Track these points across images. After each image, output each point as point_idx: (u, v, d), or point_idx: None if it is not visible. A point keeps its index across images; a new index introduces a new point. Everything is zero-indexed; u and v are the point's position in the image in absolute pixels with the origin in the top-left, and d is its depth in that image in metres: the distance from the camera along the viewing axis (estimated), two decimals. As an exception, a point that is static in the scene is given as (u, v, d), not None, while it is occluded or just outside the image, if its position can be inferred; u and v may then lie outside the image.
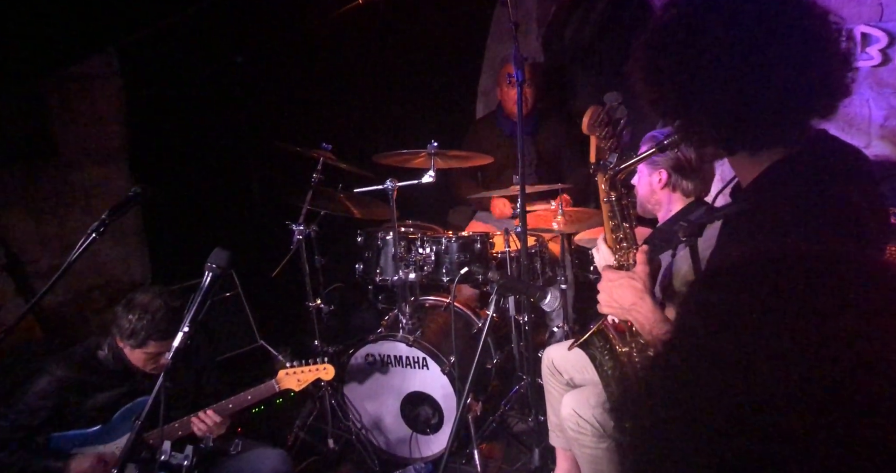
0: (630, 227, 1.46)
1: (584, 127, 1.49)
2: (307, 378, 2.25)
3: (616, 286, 1.30)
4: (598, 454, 1.87)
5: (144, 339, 2.01)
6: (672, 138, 1.29)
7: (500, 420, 2.77)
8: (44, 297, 1.78)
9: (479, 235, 2.81)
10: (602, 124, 1.45)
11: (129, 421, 2.03)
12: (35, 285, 2.71)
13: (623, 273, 1.33)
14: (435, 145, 2.72)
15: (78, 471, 1.91)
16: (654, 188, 1.90)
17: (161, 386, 1.51)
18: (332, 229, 2.99)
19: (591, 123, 1.47)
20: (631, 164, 1.43)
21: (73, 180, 2.95)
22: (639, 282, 1.28)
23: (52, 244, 2.90)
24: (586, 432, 1.86)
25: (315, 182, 2.76)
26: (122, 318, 2.03)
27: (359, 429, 2.70)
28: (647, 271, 1.30)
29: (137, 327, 2.00)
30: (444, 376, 2.57)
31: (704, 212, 1.82)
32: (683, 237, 1.33)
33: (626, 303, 1.29)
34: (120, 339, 2.05)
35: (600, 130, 1.46)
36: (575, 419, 1.88)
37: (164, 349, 2.04)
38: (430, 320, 2.88)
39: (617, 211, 1.46)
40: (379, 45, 3.70)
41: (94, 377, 2.05)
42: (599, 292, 1.34)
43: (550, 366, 2.24)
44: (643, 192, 1.93)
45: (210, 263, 1.61)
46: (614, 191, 1.45)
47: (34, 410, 1.97)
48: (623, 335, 1.46)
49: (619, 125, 1.46)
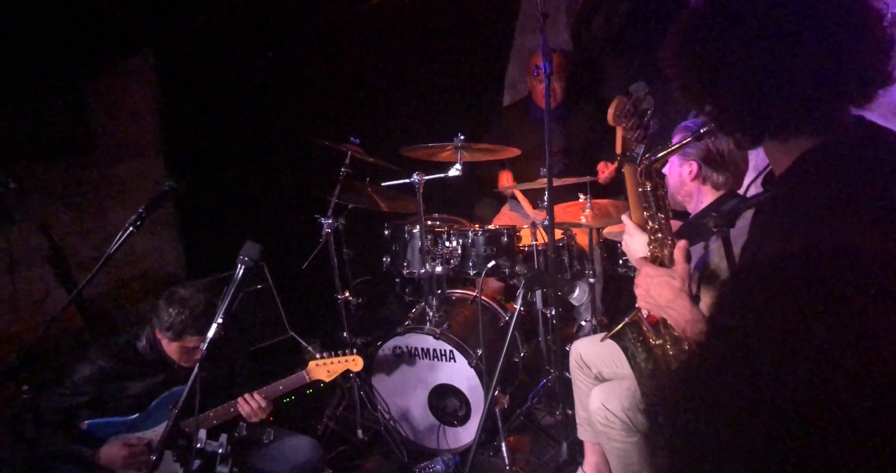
0: (665, 218, 1.44)
1: (610, 118, 1.47)
2: (336, 369, 2.29)
3: (654, 284, 1.30)
4: (626, 448, 1.86)
5: (181, 332, 2.07)
6: (708, 127, 1.27)
7: (528, 414, 2.77)
8: (85, 287, 1.85)
9: (506, 228, 2.80)
10: (628, 115, 1.43)
11: (164, 410, 2.09)
12: (76, 276, 2.80)
13: (662, 271, 1.32)
14: (461, 139, 2.71)
15: (106, 457, 1.98)
16: (683, 180, 1.87)
17: (196, 376, 1.56)
18: (359, 222, 3.02)
19: (616, 114, 1.46)
20: (667, 153, 1.40)
21: (111, 174, 3.03)
22: (677, 281, 1.28)
23: (92, 236, 2.99)
24: (615, 426, 1.85)
25: (343, 176, 2.79)
26: (162, 311, 2.09)
27: (387, 420, 2.73)
28: (686, 270, 1.29)
29: (176, 321, 2.05)
30: (470, 368, 2.57)
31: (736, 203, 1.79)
32: (714, 228, 1.31)
33: (662, 301, 1.28)
34: (159, 331, 2.11)
35: (626, 121, 1.44)
36: (603, 413, 1.87)
37: (200, 345, 2.10)
38: (457, 313, 2.89)
39: (652, 201, 1.44)
40: (406, 38, 3.71)
41: (133, 367, 2.11)
42: (637, 287, 1.34)
43: (578, 360, 2.23)
44: (673, 183, 1.90)
45: (242, 256, 1.65)
46: (649, 181, 1.43)
47: (74, 395, 2.04)
48: (657, 327, 1.45)
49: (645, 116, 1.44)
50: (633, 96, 1.43)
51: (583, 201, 2.82)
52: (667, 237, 1.43)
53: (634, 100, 1.42)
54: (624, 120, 1.44)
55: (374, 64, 3.70)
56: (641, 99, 1.42)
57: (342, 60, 3.59)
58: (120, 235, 1.79)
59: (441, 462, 2.60)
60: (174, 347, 2.12)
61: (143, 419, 2.09)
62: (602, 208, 2.85)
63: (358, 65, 3.65)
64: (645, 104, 1.42)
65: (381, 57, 3.71)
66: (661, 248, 1.43)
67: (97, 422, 2.06)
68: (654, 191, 1.43)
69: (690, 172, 1.84)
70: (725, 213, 1.31)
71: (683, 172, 1.86)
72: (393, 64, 3.77)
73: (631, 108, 1.42)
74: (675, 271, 1.30)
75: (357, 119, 3.51)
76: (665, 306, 1.28)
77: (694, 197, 1.89)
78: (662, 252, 1.42)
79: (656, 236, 1.44)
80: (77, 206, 2.93)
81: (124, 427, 2.08)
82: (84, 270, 2.87)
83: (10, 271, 2.68)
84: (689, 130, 1.58)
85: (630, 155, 1.43)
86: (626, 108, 1.43)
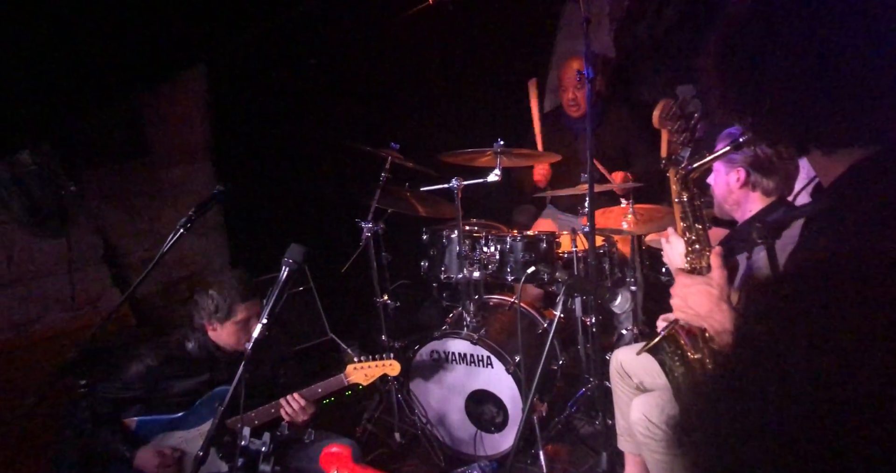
0: (703, 228, 1.40)
1: (655, 121, 1.45)
2: (374, 374, 2.32)
3: (692, 293, 1.26)
4: (669, 460, 1.81)
5: (230, 307, 2.12)
6: (749, 136, 1.23)
7: (566, 422, 2.74)
8: (138, 287, 1.93)
9: (545, 234, 2.79)
10: (674, 118, 1.41)
11: (207, 409, 2.16)
12: (129, 276, 2.92)
13: (699, 279, 1.28)
14: (501, 144, 2.71)
15: (141, 460, 2.05)
16: (731, 188, 1.82)
17: (242, 374, 1.60)
18: (398, 226, 3.05)
19: (662, 117, 1.44)
20: (705, 162, 1.38)
21: (163, 178, 3.16)
22: (715, 289, 1.24)
23: (144, 238, 3.12)
24: (657, 437, 1.81)
25: (383, 181, 2.83)
26: (202, 301, 2.16)
27: (424, 424, 2.75)
28: (723, 276, 1.26)
29: (220, 300, 2.13)
30: (508, 375, 2.56)
31: (783, 212, 1.73)
32: (759, 239, 1.27)
33: (701, 310, 1.25)
34: (207, 322, 2.17)
35: (672, 124, 1.42)
36: (645, 423, 1.83)
37: (252, 313, 2.15)
38: (495, 319, 2.88)
39: (689, 212, 1.41)
40: (447, 44, 3.74)
41: (180, 366, 2.19)
42: (673, 297, 1.30)
43: (619, 369, 2.19)
44: (720, 192, 1.85)
45: (287, 258, 1.69)
46: (686, 191, 1.40)
47: (125, 390, 2.13)
48: (695, 340, 1.41)
49: (692, 119, 1.41)
50: (679, 99, 1.41)
51: (625, 206, 2.78)
52: (705, 248, 1.40)
53: (681, 102, 1.40)
54: (669, 122, 1.42)
55: (415, 69, 3.74)
56: (688, 101, 1.40)
57: (384, 65, 3.64)
58: (171, 236, 1.86)
59: (478, 468, 2.59)
60: (228, 330, 2.15)
61: (187, 417, 2.16)
62: (645, 213, 2.80)
63: (399, 71, 3.70)
64: (692, 107, 1.40)
65: (422, 62, 3.75)
66: (700, 259, 1.40)
67: (145, 420, 2.14)
68: (690, 201, 1.41)
69: (738, 180, 1.79)
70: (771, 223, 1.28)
71: (731, 180, 1.81)
72: (434, 69, 3.80)
73: (677, 110, 1.40)
74: (712, 278, 1.27)
75: (398, 125, 3.56)
76: (705, 315, 1.25)
77: (742, 205, 1.84)
78: (700, 264, 1.39)
79: (694, 248, 1.41)
80: (131, 208, 3.07)
81: (169, 425, 2.15)
82: (136, 270, 3.00)
83: (69, 271, 2.82)
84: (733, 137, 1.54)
85: (676, 159, 1.40)
86: (672, 110, 1.41)
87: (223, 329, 2.17)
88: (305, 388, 2.22)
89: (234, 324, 2.16)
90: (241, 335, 2.18)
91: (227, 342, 2.20)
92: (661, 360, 1.45)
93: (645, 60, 3.85)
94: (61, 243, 2.76)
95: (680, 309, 1.29)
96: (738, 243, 1.61)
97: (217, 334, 2.19)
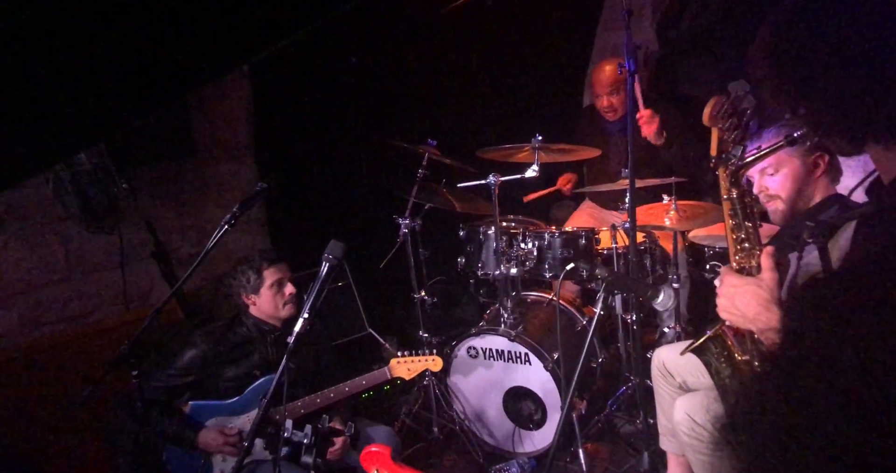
0: (753, 226, 1.36)
1: (706, 118, 1.41)
2: (417, 368, 2.34)
3: (739, 293, 1.21)
4: (714, 461, 1.78)
5: (259, 273, 2.22)
6: (804, 131, 1.19)
7: (606, 421, 2.71)
8: (186, 281, 2.00)
9: (585, 230, 2.75)
10: (726, 115, 1.37)
11: (258, 396, 2.22)
12: (177, 271, 3.02)
13: (748, 279, 1.23)
14: (539, 139, 2.69)
15: (204, 441, 2.13)
16: (812, 175, 1.72)
17: (285, 366, 1.64)
18: (435, 222, 3.06)
19: (713, 114, 1.39)
20: (760, 156, 1.33)
21: (208, 175, 3.25)
22: (765, 291, 1.18)
23: (191, 234, 3.22)
24: (702, 438, 1.78)
25: (420, 177, 2.84)
26: (234, 281, 2.26)
27: (462, 420, 2.76)
28: (774, 279, 1.19)
29: (248, 272, 2.23)
30: (546, 372, 2.55)
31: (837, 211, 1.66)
32: (809, 239, 1.22)
33: (749, 313, 1.19)
34: (245, 297, 2.25)
35: (723, 122, 1.37)
36: (689, 423, 1.80)
37: (282, 274, 2.26)
38: (533, 315, 2.87)
39: (739, 209, 1.36)
40: (485, 40, 3.72)
41: (232, 351, 2.25)
42: (719, 297, 1.26)
43: (661, 368, 2.15)
44: (793, 186, 1.75)
45: (327, 254, 1.72)
46: (735, 187, 1.36)
47: (179, 376, 2.21)
48: (743, 342, 1.37)
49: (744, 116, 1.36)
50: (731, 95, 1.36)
51: (667, 202, 2.72)
52: (755, 247, 1.34)
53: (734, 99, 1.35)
54: (721, 120, 1.37)
55: (453, 65, 3.74)
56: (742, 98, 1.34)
57: (421, 63, 3.65)
58: (216, 232, 1.92)
59: (516, 464, 2.59)
60: (265, 298, 2.23)
61: (240, 403, 2.22)
62: (688, 210, 2.74)
63: (437, 68, 3.70)
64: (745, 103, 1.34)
65: (460, 58, 3.74)
66: (749, 259, 1.35)
67: (199, 404, 2.21)
68: (741, 198, 1.36)
69: (822, 166, 1.70)
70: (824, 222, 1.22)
71: (810, 167, 1.71)
72: (471, 66, 3.79)
73: (729, 107, 1.35)
74: (762, 279, 1.21)
75: (435, 121, 3.57)
76: (753, 318, 1.19)
77: (811, 196, 1.75)
78: (750, 263, 1.34)
79: (743, 246, 1.36)
80: (178, 205, 3.17)
81: (223, 410, 2.22)
82: (183, 265, 3.10)
83: (121, 266, 2.94)
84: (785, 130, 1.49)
85: (726, 157, 1.36)
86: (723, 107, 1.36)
87: (260, 299, 2.25)
88: (350, 380, 2.25)
89: (269, 289, 2.23)
90: (278, 299, 2.25)
91: (268, 312, 2.27)
92: (707, 361, 1.41)
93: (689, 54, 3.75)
94: (113, 240, 2.88)
95: (727, 310, 1.24)
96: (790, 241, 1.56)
97: (257, 307, 2.26)
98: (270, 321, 2.29)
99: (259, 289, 2.23)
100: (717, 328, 1.37)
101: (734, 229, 1.37)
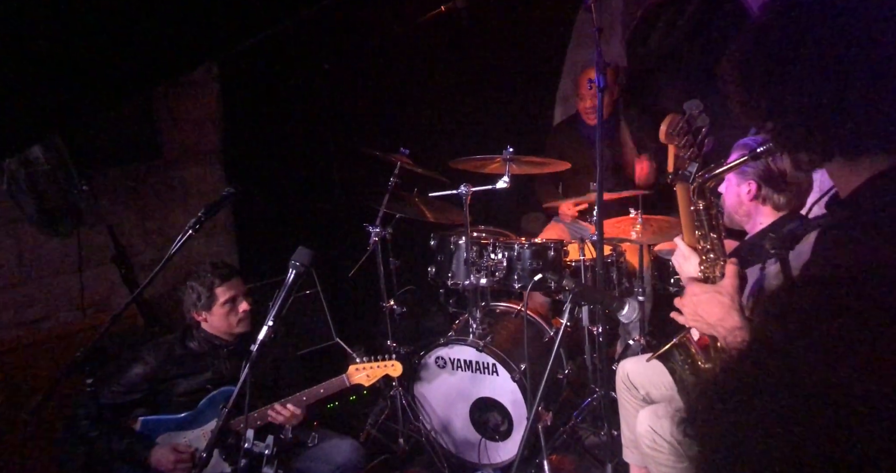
0: (718, 237, 1.39)
1: (662, 136, 1.44)
2: (376, 374, 2.31)
3: (702, 301, 1.25)
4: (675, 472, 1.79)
5: (211, 291, 2.14)
6: (767, 146, 1.22)
7: (572, 432, 2.72)
8: (147, 287, 1.94)
9: (553, 242, 2.78)
10: (681, 133, 1.40)
11: (211, 410, 2.16)
12: (138, 277, 2.93)
13: (709, 287, 1.27)
14: (510, 151, 2.71)
15: (156, 459, 2.04)
16: (742, 200, 1.80)
17: (247, 376, 1.60)
18: (406, 231, 3.05)
19: (669, 131, 1.42)
20: (722, 171, 1.37)
21: (174, 179, 3.17)
22: (726, 297, 1.23)
23: (154, 238, 3.13)
24: (664, 450, 1.80)
25: (392, 186, 2.83)
26: (186, 297, 2.19)
27: (428, 431, 2.73)
28: (735, 285, 1.24)
29: (199, 289, 2.16)
30: (513, 383, 2.55)
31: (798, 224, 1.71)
32: (772, 250, 1.26)
33: (711, 319, 1.23)
34: (196, 313, 2.18)
35: (679, 139, 1.41)
36: (651, 436, 1.81)
37: (236, 291, 2.19)
38: (501, 326, 2.87)
39: (704, 220, 1.40)
40: (458, 51, 3.75)
41: (182, 365, 2.19)
42: (682, 306, 1.29)
43: (626, 380, 2.17)
44: (731, 202, 1.84)
45: (294, 261, 1.69)
46: (702, 200, 1.39)
47: (126, 392, 2.14)
48: (706, 351, 1.40)
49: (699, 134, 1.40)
50: (686, 114, 1.40)
51: (634, 216, 2.77)
52: (719, 258, 1.39)
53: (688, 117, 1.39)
54: (677, 138, 1.41)
55: (426, 75, 3.76)
56: (696, 117, 1.38)
57: (395, 72, 3.66)
58: (180, 237, 1.87)
59: (481, 476, 2.58)
60: (217, 314, 2.16)
61: (192, 417, 2.16)
62: (654, 223, 2.79)
63: (411, 76, 3.71)
64: (699, 122, 1.38)
65: (433, 69, 3.76)
66: (713, 268, 1.39)
67: (150, 419, 2.14)
68: (706, 210, 1.39)
69: (749, 192, 1.78)
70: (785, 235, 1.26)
71: (742, 191, 1.80)
72: (445, 76, 3.81)
73: (684, 125, 1.39)
74: (723, 286, 1.25)
75: (408, 130, 3.57)
76: (715, 323, 1.23)
77: (752, 217, 1.82)
78: (714, 273, 1.38)
79: (708, 257, 1.40)
80: (141, 209, 3.08)
81: (173, 425, 2.15)
82: (146, 270, 3.01)
83: (79, 270, 2.84)
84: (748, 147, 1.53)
85: (682, 173, 1.40)
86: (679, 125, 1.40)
87: (212, 316, 2.18)
88: (307, 389, 2.21)
89: (221, 307, 2.17)
90: (231, 317, 2.19)
91: (220, 328, 2.21)
92: (672, 368, 1.44)
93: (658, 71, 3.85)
94: (71, 243, 2.78)
95: (691, 318, 1.28)
96: (749, 255, 1.60)
97: (209, 323, 2.20)
98: (222, 337, 2.24)
99: (211, 307, 2.17)
100: (682, 336, 1.40)
101: (700, 239, 1.41)
